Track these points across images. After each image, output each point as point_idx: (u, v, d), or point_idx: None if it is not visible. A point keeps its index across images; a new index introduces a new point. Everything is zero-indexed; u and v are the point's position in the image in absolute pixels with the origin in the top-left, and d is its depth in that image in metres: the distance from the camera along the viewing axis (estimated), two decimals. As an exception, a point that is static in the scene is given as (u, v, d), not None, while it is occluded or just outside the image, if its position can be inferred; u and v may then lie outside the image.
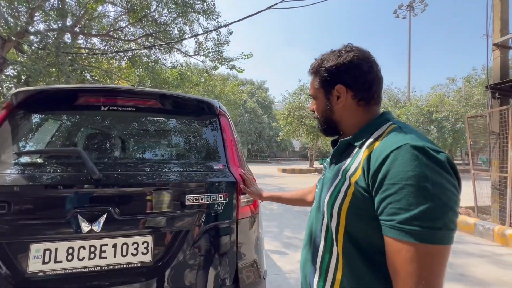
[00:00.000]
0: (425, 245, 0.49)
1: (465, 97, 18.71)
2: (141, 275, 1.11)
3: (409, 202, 0.50)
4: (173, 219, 1.18)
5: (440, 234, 0.49)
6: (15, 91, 1.29)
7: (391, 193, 0.52)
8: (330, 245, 0.66)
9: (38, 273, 1.02)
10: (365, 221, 0.59)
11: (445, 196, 0.50)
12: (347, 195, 0.62)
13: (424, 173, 0.50)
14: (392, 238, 0.52)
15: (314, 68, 0.75)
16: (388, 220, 0.53)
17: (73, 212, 1.05)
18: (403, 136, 0.58)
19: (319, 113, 0.78)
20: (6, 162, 1.14)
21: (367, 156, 0.60)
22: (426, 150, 0.53)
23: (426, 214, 0.49)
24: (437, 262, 0.49)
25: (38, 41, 7.74)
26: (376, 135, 0.64)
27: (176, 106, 1.47)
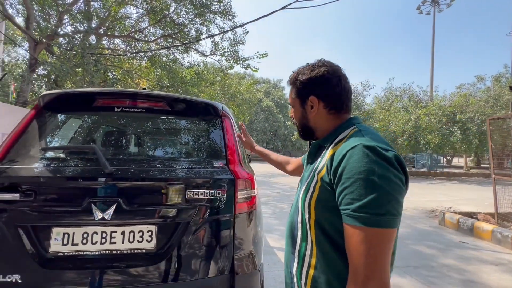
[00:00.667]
0: (372, 229, 0.58)
1: (494, 97, 17.62)
2: (145, 260, 1.24)
3: (359, 193, 0.60)
4: (175, 211, 1.30)
5: (384, 219, 0.59)
6: (42, 94, 1.46)
7: (346, 186, 0.62)
8: (305, 235, 0.75)
9: (58, 253, 1.18)
10: (330, 211, 0.68)
11: (389, 187, 0.60)
12: (315, 190, 0.72)
13: (372, 168, 0.60)
14: (347, 224, 0.62)
15: (291, 80, 0.86)
16: (345, 209, 0.63)
17: (88, 202, 1.20)
18: (360, 138, 0.68)
19: (297, 120, 0.88)
20: (34, 156, 1.31)
21: (331, 155, 0.70)
22: (376, 148, 0.63)
23: (372, 203, 0.58)
24: (382, 243, 0.59)
25: (66, 43, 8.24)
26: (340, 137, 0.75)
27: (182, 108, 1.60)
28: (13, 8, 9.06)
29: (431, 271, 3.09)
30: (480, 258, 3.56)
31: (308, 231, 0.74)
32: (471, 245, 4.05)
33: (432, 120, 14.68)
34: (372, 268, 0.58)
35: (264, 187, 9.48)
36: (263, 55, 9.98)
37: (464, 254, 3.65)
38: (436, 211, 6.27)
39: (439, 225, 5.19)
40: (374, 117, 16.48)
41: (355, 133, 0.72)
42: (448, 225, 5.05)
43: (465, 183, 13.53)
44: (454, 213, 5.28)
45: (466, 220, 4.75)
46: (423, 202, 7.51)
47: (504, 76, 20.23)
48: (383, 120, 15.79)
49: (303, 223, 0.76)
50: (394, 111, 16.70)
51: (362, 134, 0.70)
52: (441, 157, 19.78)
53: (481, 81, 22.14)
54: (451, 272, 3.08)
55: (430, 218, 5.83)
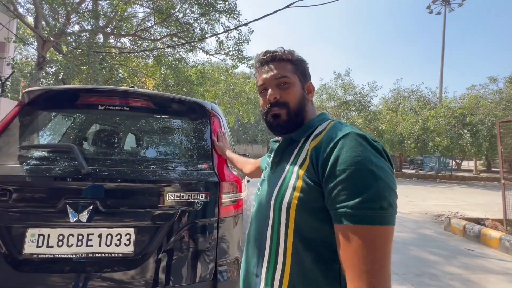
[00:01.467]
0: (376, 227, 0.50)
1: (506, 99, 17.08)
2: (123, 265, 1.19)
3: (359, 186, 0.51)
4: (155, 214, 1.25)
5: (388, 214, 0.51)
6: (26, 90, 1.43)
7: (342, 179, 0.53)
8: (275, 248, 0.63)
9: (32, 256, 1.14)
10: (314, 215, 0.58)
11: (387, 178, 0.53)
12: (295, 189, 0.60)
13: (369, 157, 0.54)
14: (345, 225, 0.52)
15: (283, 54, 0.73)
16: (341, 206, 0.53)
17: (64, 202, 1.16)
18: (346, 127, 0.62)
19: (295, 101, 0.71)
20: (11, 154, 1.28)
21: (314, 147, 0.62)
22: (367, 137, 0.57)
23: (374, 196, 0.51)
24: (387, 243, 0.51)
25: (72, 41, 8.35)
26: (319, 130, 0.67)
27: (168, 107, 1.55)
28: (23, 7, 9.23)
29: (433, 279, 2.97)
30: (486, 267, 3.41)
31: (280, 243, 0.62)
32: (477, 252, 3.90)
33: (440, 122, 14.33)
34: (379, 275, 0.48)
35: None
36: (268, 54, 9.89)
37: (469, 262, 3.51)
38: (442, 216, 6.09)
39: (445, 231, 5.03)
40: (380, 118, 16.20)
41: (335, 125, 0.65)
42: (454, 231, 4.88)
43: (474, 187, 13.16)
44: (460, 218, 5.11)
45: (473, 226, 4.58)
46: (429, 206, 7.31)
47: (518, 78, 19.59)
48: (390, 122, 15.50)
49: (274, 233, 0.63)
50: (402, 112, 16.38)
51: (344, 125, 0.64)
52: (450, 160, 19.31)
53: (494, 82, 21.49)
54: (454, 281, 2.95)
55: (435, 223, 5.66)
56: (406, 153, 16.35)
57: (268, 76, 0.72)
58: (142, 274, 1.20)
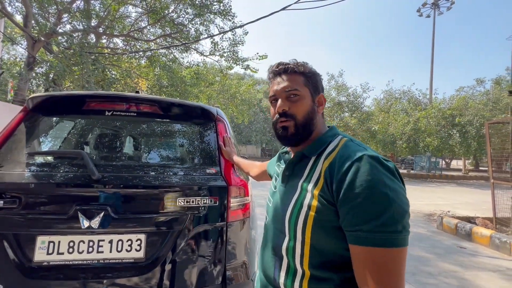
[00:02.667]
0: (391, 249, 0.52)
1: (493, 100, 17.63)
2: (134, 270, 1.20)
3: (374, 210, 0.53)
4: (165, 220, 1.26)
5: (402, 236, 0.53)
6: (31, 96, 1.42)
7: (357, 203, 0.54)
8: (293, 265, 0.65)
9: (42, 263, 1.14)
10: (329, 232, 0.60)
11: (400, 200, 0.54)
12: (311, 208, 0.61)
13: (383, 180, 0.55)
14: (359, 246, 0.54)
15: (296, 66, 0.73)
16: (355, 229, 0.54)
17: (74, 209, 1.16)
18: (358, 147, 0.63)
19: (303, 114, 0.71)
20: (19, 161, 1.27)
21: (328, 168, 0.62)
22: (380, 159, 0.58)
23: (389, 220, 0.52)
24: (402, 263, 0.53)
25: (64, 41, 8.19)
26: (331, 147, 0.67)
27: (175, 113, 1.56)
28: (11, 6, 9.00)
29: (428, 277, 3.05)
30: (478, 264, 3.52)
31: (299, 259, 0.63)
32: (469, 250, 4.02)
33: (431, 122, 14.69)
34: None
35: (260, 188, 9.43)
36: (263, 56, 9.96)
37: (462, 260, 3.62)
38: (434, 215, 6.25)
39: (437, 229, 5.16)
40: (373, 119, 16.46)
41: (347, 142, 0.66)
42: (446, 229, 5.02)
43: (463, 186, 13.52)
44: (452, 217, 5.25)
45: (464, 225, 4.72)
46: (421, 205, 7.48)
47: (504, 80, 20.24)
48: (382, 123, 15.78)
49: (290, 249, 0.65)
50: (393, 113, 16.70)
51: (355, 143, 0.66)
52: (440, 160, 19.78)
53: (481, 84, 22.16)
54: (449, 279, 3.04)
55: (428, 222, 5.80)
56: (398, 153, 16.67)
57: (279, 88, 0.73)
58: (152, 279, 1.21)
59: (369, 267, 0.53)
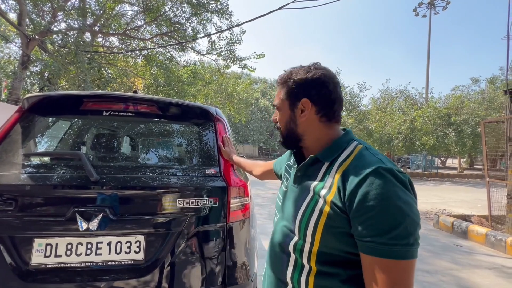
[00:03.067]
0: (402, 261, 0.54)
1: (488, 99, 17.82)
2: (134, 273, 1.19)
3: (387, 223, 0.54)
4: (165, 221, 1.25)
5: (413, 249, 0.54)
6: (26, 96, 1.40)
7: (371, 215, 0.55)
8: (300, 264, 0.66)
9: (40, 266, 1.12)
10: (339, 238, 0.61)
11: (413, 214, 0.55)
12: (322, 213, 0.62)
13: (397, 193, 0.56)
14: (372, 256, 0.55)
15: (283, 79, 0.75)
16: (368, 240, 0.55)
17: (72, 211, 1.14)
18: (373, 158, 0.62)
19: (282, 124, 0.77)
20: (15, 162, 1.25)
21: (341, 176, 0.62)
22: (394, 172, 0.58)
23: (401, 233, 0.54)
24: (411, 275, 0.55)
25: (59, 40, 8.09)
26: (345, 154, 0.67)
27: (174, 113, 1.54)
28: (5, 4, 8.87)
29: (426, 275, 3.08)
30: (474, 262, 3.56)
31: (307, 257, 0.65)
32: (465, 248, 4.07)
33: (427, 121, 14.80)
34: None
35: (259, 187, 9.44)
36: (260, 55, 9.93)
37: (459, 258, 3.66)
38: (431, 213, 6.30)
39: (434, 228, 5.21)
40: (370, 118, 16.54)
41: (362, 151, 0.66)
42: (443, 227, 5.06)
43: (458, 184, 13.66)
44: (448, 215, 5.30)
45: (460, 223, 4.77)
46: (418, 204, 7.53)
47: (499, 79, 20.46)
48: (379, 122, 15.87)
49: (298, 248, 0.67)
50: (390, 112, 16.79)
51: (371, 153, 0.64)
52: (436, 158, 19.97)
53: (476, 83, 22.38)
54: (446, 277, 3.07)
55: (424, 220, 5.85)
56: (394, 152, 16.78)
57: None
58: (152, 281, 1.20)
59: (380, 276, 0.54)
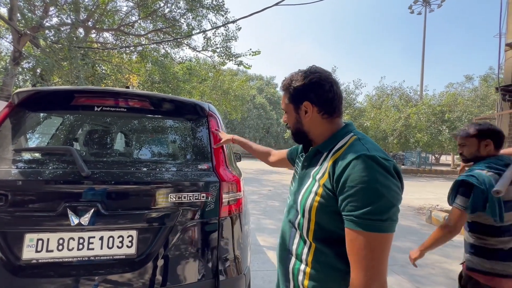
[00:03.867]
0: (375, 234, 0.63)
1: (481, 97, 18.05)
2: (126, 267, 1.20)
3: (363, 201, 0.64)
4: (157, 216, 1.25)
5: (386, 224, 0.63)
6: (16, 91, 1.38)
7: (351, 194, 0.65)
8: (303, 235, 0.79)
9: (31, 261, 1.12)
10: (330, 215, 0.72)
11: (390, 195, 0.64)
12: (317, 194, 0.74)
13: (375, 177, 0.64)
14: (350, 229, 0.66)
15: (285, 86, 0.86)
16: (348, 215, 0.66)
17: (64, 206, 1.14)
18: (361, 147, 0.71)
19: (291, 125, 0.89)
20: (6, 158, 1.24)
21: (332, 163, 0.73)
22: (377, 158, 0.67)
23: (375, 210, 0.63)
24: (383, 246, 0.64)
25: (52, 35, 7.96)
26: (340, 144, 0.77)
27: (166, 108, 1.54)
28: (-5, -2, 8.66)
29: (417, 269, 3.14)
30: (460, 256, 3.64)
31: (306, 233, 0.77)
32: (456, 242, 4.13)
33: (421, 119, 14.95)
34: (375, 270, 0.63)
35: (255, 184, 9.47)
36: (256, 52, 9.89)
37: (450, 252, 3.74)
38: (424, 208, 6.40)
39: (426, 223, 5.30)
40: (365, 115, 16.65)
41: (354, 141, 0.75)
42: (435, 223, 5.16)
43: (452, 180, 13.79)
44: (440, 211, 5.40)
45: (452, 218, 4.85)
46: (411, 199, 7.64)
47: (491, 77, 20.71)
48: (374, 119, 15.98)
49: (300, 224, 0.79)
50: (385, 109, 16.92)
51: (361, 143, 0.73)
52: (430, 155, 20.21)
53: (469, 80, 22.64)
54: (437, 270, 3.14)
55: (417, 215, 5.95)
56: (389, 149, 16.93)
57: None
58: (145, 274, 1.21)
59: (356, 246, 0.65)
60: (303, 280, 0.77)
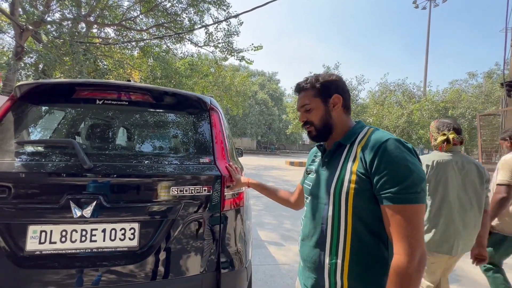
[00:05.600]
0: (413, 205, 0.70)
1: (486, 93, 17.84)
2: (128, 259, 1.20)
3: (399, 178, 0.71)
4: (159, 209, 1.26)
5: (420, 196, 0.71)
6: (18, 84, 1.38)
7: (385, 173, 0.72)
8: (337, 227, 0.81)
9: (35, 252, 1.13)
10: (367, 200, 0.77)
11: (418, 171, 0.73)
12: (351, 182, 0.78)
13: (404, 156, 0.73)
14: (390, 205, 0.71)
15: (311, 84, 0.92)
16: (385, 192, 0.72)
17: (66, 198, 1.15)
18: (384, 133, 0.80)
19: (317, 120, 0.92)
20: (8, 150, 1.25)
21: (361, 150, 0.79)
22: (401, 141, 0.77)
23: (410, 184, 0.70)
24: (420, 216, 0.71)
25: (53, 30, 7.94)
26: (361, 135, 0.85)
27: (168, 101, 1.54)
28: (-4, -7, 8.65)
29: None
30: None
31: (342, 222, 0.80)
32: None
33: (424, 115, 14.83)
34: (416, 238, 0.69)
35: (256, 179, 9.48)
36: (258, 47, 9.82)
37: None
38: (426, 205, 6.37)
39: (428, 219, 5.28)
40: (368, 111, 16.55)
41: (374, 130, 0.84)
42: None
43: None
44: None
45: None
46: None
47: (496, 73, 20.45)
48: (377, 115, 15.88)
49: (335, 216, 0.81)
50: (388, 105, 16.80)
51: (381, 131, 0.82)
52: (433, 152, 20.06)
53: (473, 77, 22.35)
54: (437, 266, 3.13)
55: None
56: (391, 146, 16.82)
57: (298, 104, 0.97)
58: (147, 267, 1.21)
59: (397, 220, 0.70)
60: (342, 275, 0.78)
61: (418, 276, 0.68)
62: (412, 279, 0.67)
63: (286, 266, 2.92)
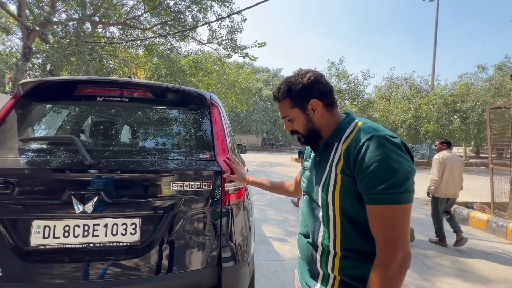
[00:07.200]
0: (395, 206, 0.67)
1: (496, 86, 17.38)
2: (130, 253, 1.22)
3: (381, 177, 0.68)
4: (159, 204, 1.27)
5: (404, 196, 0.68)
6: (21, 82, 1.40)
7: (368, 173, 0.69)
8: (327, 225, 0.81)
9: (39, 247, 1.15)
10: (353, 200, 0.75)
11: (403, 169, 0.68)
12: (337, 182, 0.77)
13: (388, 154, 0.69)
14: (372, 205, 0.70)
15: (284, 93, 0.88)
16: (368, 193, 0.70)
17: (68, 194, 1.17)
18: (369, 129, 0.76)
19: (301, 129, 0.90)
20: (12, 147, 1.27)
21: (346, 148, 0.77)
22: (386, 137, 0.72)
23: (392, 184, 0.67)
24: (404, 216, 0.68)
25: (59, 31, 8.05)
26: (348, 132, 0.81)
27: (168, 97, 1.54)
28: (4, -5, 8.78)
29: (426, 260, 3.10)
30: (475, 248, 3.57)
31: (331, 221, 0.80)
32: (466, 234, 4.06)
33: (432, 109, 14.53)
34: (399, 239, 0.67)
35: (261, 176, 9.47)
36: (262, 44, 9.76)
37: (459, 244, 3.66)
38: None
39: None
40: (374, 106, 16.32)
41: (361, 126, 0.79)
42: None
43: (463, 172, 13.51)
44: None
45: (462, 210, 4.76)
46: (421, 191, 7.48)
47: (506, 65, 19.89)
48: (383, 110, 15.65)
49: (325, 216, 0.81)
50: (394, 100, 16.53)
51: (368, 126, 0.78)
52: (441, 147, 19.71)
53: (483, 70, 21.77)
54: (445, 261, 3.09)
55: (427, 206, 5.85)
56: (398, 141, 16.60)
57: (279, 114, 0.94)
58: (148, 261, 1.23)
59: (379, 221, 0.69)
60: (333, 268, 0.79)
61: (399, 278, 0.66)
62: (392, 282, 0.66)
63: (290, 262, 2.92)
